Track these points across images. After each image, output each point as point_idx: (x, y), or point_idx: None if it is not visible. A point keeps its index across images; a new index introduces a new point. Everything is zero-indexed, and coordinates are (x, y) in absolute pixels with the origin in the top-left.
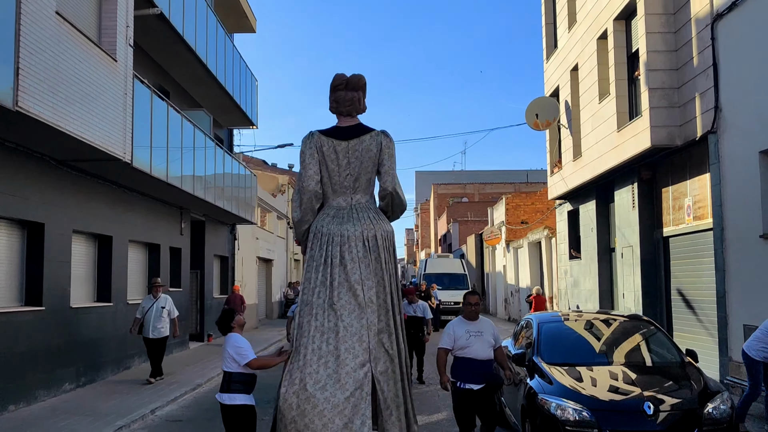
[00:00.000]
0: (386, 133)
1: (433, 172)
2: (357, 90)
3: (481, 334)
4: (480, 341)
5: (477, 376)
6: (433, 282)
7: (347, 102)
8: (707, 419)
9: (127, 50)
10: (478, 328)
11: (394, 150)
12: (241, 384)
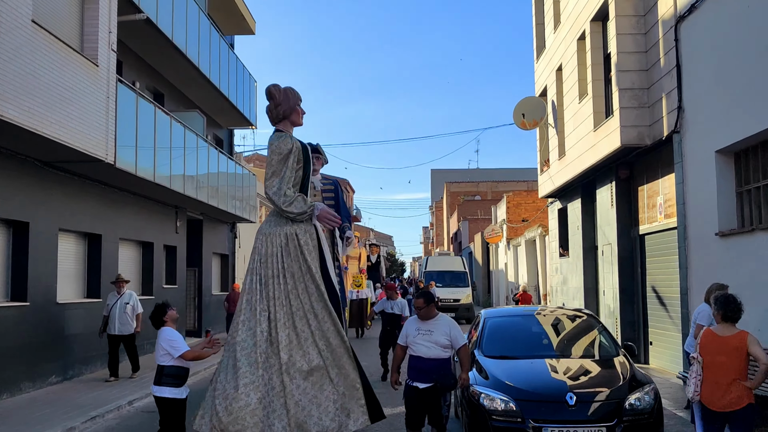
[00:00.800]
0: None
1: (447, 170)
2: (269, 101)
3: (431, 333)
4: (426, 340)
5: (423, 374)
6: (434, 279)
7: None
8: (628, 410)
9: (109, 55)
10: (430, 327)
11: (269, 150)
12: (172, 377)
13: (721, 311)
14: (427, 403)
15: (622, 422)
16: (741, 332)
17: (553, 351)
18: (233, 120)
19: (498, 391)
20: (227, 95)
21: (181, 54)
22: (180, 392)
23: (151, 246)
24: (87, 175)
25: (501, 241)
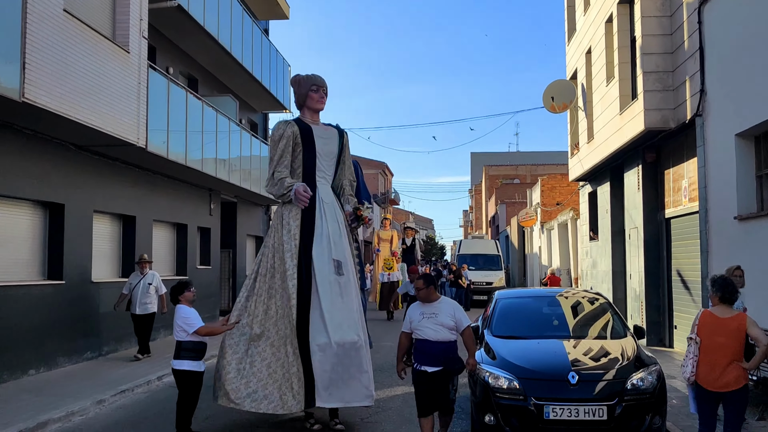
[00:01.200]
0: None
1: (487, 153)
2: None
3: (435, 316)
4: (432, 323)
5: (431, 357)
6: (467, 263)
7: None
8: (630, 390)
9: (140, 42)
10: (434, 310)
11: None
12: (190, 351)
13: (719, 293)
14: (436, 388)
15: (623, 401)
16: (740, 314)
17: (561, 332)
18: (267, 104)
19: (503, 369)
20: (260, 80)
21: (213, 40)
22: (198, 365)
23: (185, 228)
24: (120, 159)
25: (535, 225)
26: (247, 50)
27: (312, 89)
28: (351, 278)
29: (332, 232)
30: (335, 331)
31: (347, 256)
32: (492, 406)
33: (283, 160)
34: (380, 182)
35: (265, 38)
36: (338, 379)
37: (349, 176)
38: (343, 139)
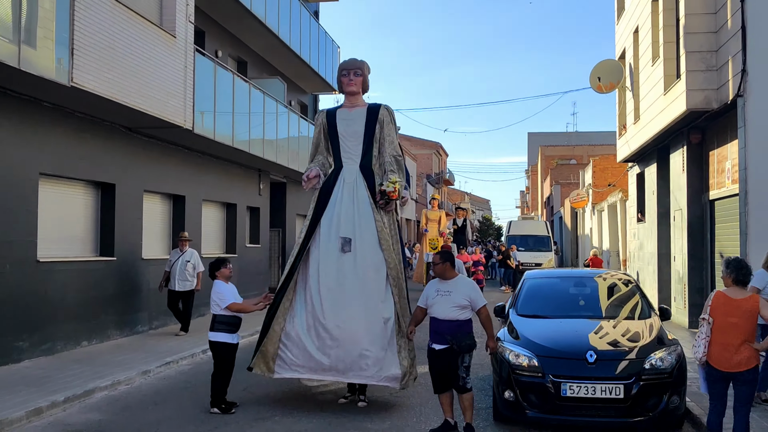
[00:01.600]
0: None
1: (544, 134)
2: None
3: (449, 294)
4: (445, 301)
5: (439, 336)
6: (514, 244)
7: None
8: (648, 369)
9: (187, 26)
10: (449, 288)
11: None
12: (225, 324)
13: (733, 274)
14: (445, 365)
15: (640, 380)
16: (753, 295)
17: (585, 312)
18: (317, 86)
19: (523, 347)
20: (309, 62)
21: (261, 23)
22: (232, 338)
23: (234, 207)
24: (169, 140)
25: (587, 206)
26: (296, 33)
27: (342, 74)
28: (365, 255)
29: (345, 210)
30: (330, 306)
31: (362, 234)
32: (511, 382)
33: (319, 147)
34: (434, 162)
35: (314, 21)
36: (332, 352)
37: (391, 153)
38: (376, 118)
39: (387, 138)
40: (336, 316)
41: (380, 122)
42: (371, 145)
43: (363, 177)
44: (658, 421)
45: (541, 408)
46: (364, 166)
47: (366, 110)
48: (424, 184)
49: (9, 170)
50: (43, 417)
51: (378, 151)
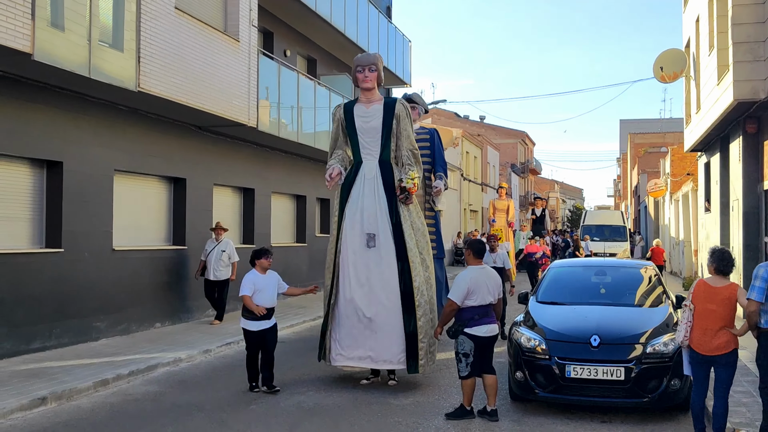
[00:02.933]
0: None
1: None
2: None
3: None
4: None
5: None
6: (589, 234)
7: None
8: (649, 353)
9: (250, 30)
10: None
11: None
12: (245, 311)
13: (714, 264)
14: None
15: (640, 363)
16: (732, 284)
17: (601, 299)
18: (388, 80)
19: (533, 332)
20: None
21: (326, 23)
22: (251, 324)
23: (304, 199)
24: (237, 137)
25: (665, 195)
26: (363, 30)
27: (357, 71)
28: (389, 249)
29: (367, 206)
30: (356, 299)
31: (385, 229)
32: (522, 364)
33: (338, 141)
34: (519, 152)
35: (383, 18)
36: (367, 341)
37: (407, 147)
38: (393, 113)
39: (403, 132)
40: (369, 309)
41: (397, 117)
42: (389, 140)
43: (382, 172)
44: (658, 402)
45: (548, 388)
46: (383, 161)
47: (383, 106)
48: (508, 173)
49: (87, 167)
50: (108, 387)
51: (395, 145)
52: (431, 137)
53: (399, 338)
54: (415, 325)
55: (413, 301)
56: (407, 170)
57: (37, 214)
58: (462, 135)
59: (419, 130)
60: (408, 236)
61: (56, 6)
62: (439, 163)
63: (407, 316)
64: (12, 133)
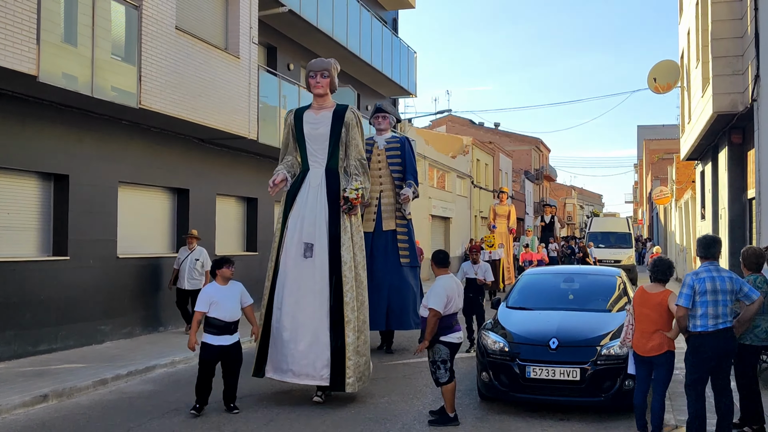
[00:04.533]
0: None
1: (653, 126)
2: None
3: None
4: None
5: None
6: (595, 241)
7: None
8: (603, 355)
9: (251, 47)
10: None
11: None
12: (205, 324)
13: (651, 273)
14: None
15: (596, 365)
16: (665, 291)
17: (567, 304)
18: (394, 90)
19: (498, 335)
20: (381, 70)
21: (328, 37)
22: (211, 339)
23: None
24: (239, 148)
25: (671, 203)
26: (366, 43)
27: (309, 76)
28: (323, 261)
29: (308, 215)
30: (290, 310)
31: (322, 239)
32: (487, 365)
33: (288, 147)
34: (533, 158)
35: (386, 30)
36: (289, 353)
37: (356, 156)
38: (342, 120)
39: (352, 141)
40: (294, 320)
41: (346, 125)
42: (337, 147)
43: (328, 180)
44: (612, 401)
45: (510, 387)
46: (330, 170)
47: (332, 113)
48: (522, 180)
49: (92, 179)
50: (107, 386)
51: (344, 153)
52: (402, 145)
53: (323, 354)
54: (342, 342)
55: (342, 316)
56: (351, 181)
57: (44, 224)
58: (472, 143)
59: (390, 138)
60: (345, 249)
61: (60, 31)
62: (410, 171)
63: (335, 332)
64: (21, 148)
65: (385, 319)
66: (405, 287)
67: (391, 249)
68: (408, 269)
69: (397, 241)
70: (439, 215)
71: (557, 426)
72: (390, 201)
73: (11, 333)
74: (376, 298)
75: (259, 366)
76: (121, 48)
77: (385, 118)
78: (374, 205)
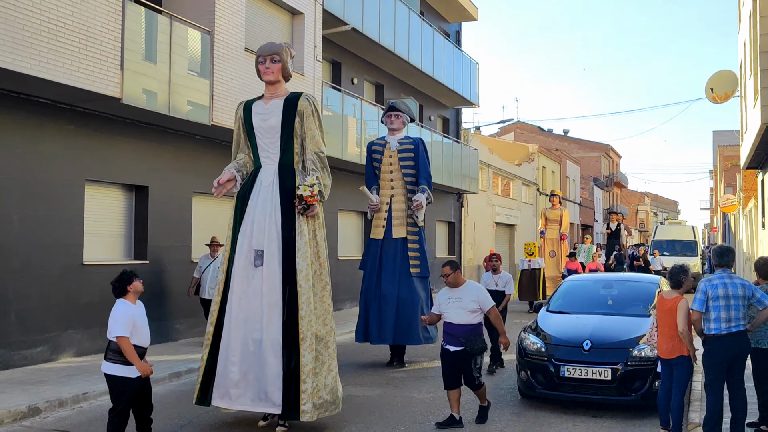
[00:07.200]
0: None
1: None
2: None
3: (460, 300)
4: (456, 307)
5: (453, 338)
6: (660, 249)
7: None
8: (634, 356)
9: (314, 65)
10: (459, 295)
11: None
12: (118, 354)
13: (668, 279)
14: (459, 365)
15: (626, 365)
16: (677, 297)
17: (605, 309)
18: (457, 101)
19: (537, 337)
20: (443, 81)
21: (391, 52)
22: (130, 371)
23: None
24: None
25: (738, 210)
26: (428, 56)
27: (258, 62)
28: (274, 270)
29: (258, 218)
30: (238, 327)
31: (273, 245)
32: (525, 365)
33: (240, 144)
34: (603, 165)
35: (447, 42)
36: (242, 378)
37: (312, 149)
38: (294, 109)
39: (308, 132)
40: (243, 339)
41: (300, 114)
42: (290, 140)
43: (281, 178)
44: (642, 400)
45: (546, 386)
46: (284, 165)
47: (283, 101)
48: (591, 187)
49: (169, 190)
50: (180, 378)
51: (300, 147)
52: (416, 147)
53: (275, 377)
54: (297, 363)
55: (297, 333)
56: (305, 177)
57: (127, 231)
58: (538, 150)
59: (403, 139)
60: (300, 255)
61: (140, 58)
62: (423, 176)
63: (288, 351)
64: (106, 162)
65: (392, 333)
66: (414, 300)
67: (400, 258)
68: (418, 280)
69: (408, 249)
70: (504, 222)
71: (588, 422)
72: (401, 207)
73: (96, 330)
74: (383, 310)
75: (204, 392)
76: (195, 70)
77: (398, 117)
78: (384, 211)
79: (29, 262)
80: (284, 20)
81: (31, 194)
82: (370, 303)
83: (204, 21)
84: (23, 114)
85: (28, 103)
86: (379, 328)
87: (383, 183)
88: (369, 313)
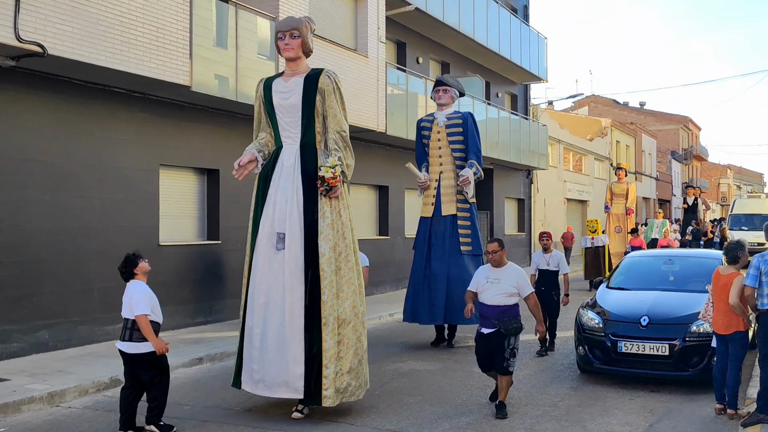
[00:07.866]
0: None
1: None
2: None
3: (499, 282)
4: (494, 288)
5: (487, 320)
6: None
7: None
8: (692, 332)
9: (378, 46)
10: (498, 276)
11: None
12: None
13: (724, 255)
14: (492, 347)
15: (684, 341)
16: (733, 272)
17: (665, 285)
18: (525, 76)
19: (595, 313)
20: (510, 58)
21: (456, 30)
22: (128, 346)
23: None
24: (370, 140)
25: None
26: (494, 33)
27: (278, 38)
28: (296, 253)
29: (280, 200)
30: (260, 311)
31: (295, 228)
32: (583, 341)
33: (261, 123)
34: (681, 138)
35: (514, 18)
36: (260, 362)
37: (335, 129)
38: (315, 87)
39: (330, 111)
40: (264, 323)
41: (321, 92)
42: (311, 119)
43: (303, 159)
44: (700, 375)
45: (603, 361)
46: (306, 145)
47: (303, 79)
48: (668, 161)
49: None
50: None
51: (322, 126)
52: (464, 121)
53: (297, 361)
54: (319, 347)
55: (319, 317)
56: (327, 158)
57: (200, 213)
58: (611, 124)
59: (452, 114)
60: (323, 238)
61: (208, 47)
62: (472, 150)
63: (309, 335)
64: (179, 148)
65: (443, 312)
66: (465, 278)
67: (450, 235)
68: (470, 258)
69: (458, 227)
70: (575, 198)
71: (645, 397)
72: (450, 183)
73: (172, 308)
74: (433, 289)
75: (238, 375)
76: (261, 55)
77: (446, 92)
78: (433, 188)
79: (109, 244)
80: (347, 3)
81: (109, 179)
82: (419, 282)
83: (268, 8)
84: (99, 103)
85: (103, 93)
86: (430, 307)
87: (432, 159)
88: (419, 293)
